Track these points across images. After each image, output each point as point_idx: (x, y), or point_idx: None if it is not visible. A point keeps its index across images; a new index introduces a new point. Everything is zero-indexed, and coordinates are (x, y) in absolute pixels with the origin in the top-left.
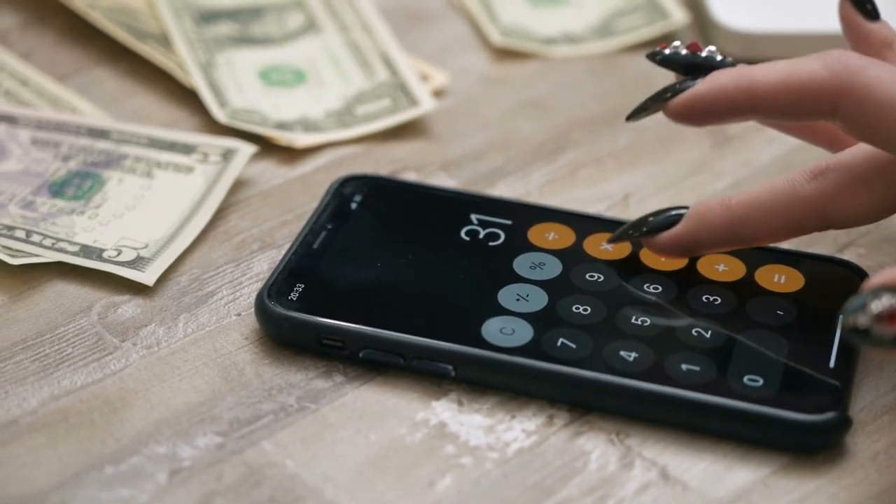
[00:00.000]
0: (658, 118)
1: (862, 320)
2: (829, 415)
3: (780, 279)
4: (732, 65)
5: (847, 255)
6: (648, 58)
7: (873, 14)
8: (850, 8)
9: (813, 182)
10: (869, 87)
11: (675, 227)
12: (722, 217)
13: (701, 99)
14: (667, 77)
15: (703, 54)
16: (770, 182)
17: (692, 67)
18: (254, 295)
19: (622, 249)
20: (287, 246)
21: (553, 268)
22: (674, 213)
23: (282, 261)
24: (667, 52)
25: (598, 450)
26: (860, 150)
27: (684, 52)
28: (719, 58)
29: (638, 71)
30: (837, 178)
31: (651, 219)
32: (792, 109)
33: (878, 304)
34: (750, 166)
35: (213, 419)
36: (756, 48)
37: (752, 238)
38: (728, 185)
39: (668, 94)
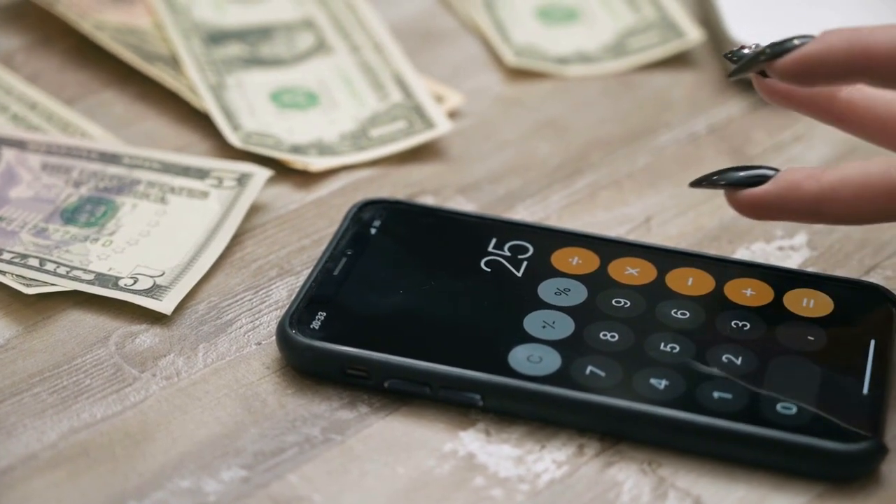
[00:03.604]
0: (676, 137)
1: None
2: (864, 443)
3: (808, 303)
4: None
5: (874, 278)
6: (728, 57)
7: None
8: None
9: None
10: None
11: (761, 187)
12: (811, 188)
13: (814, 58)
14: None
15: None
16: (865, 162)
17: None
18: (273, 323)
19: (648, 274)
20: (306, 272)
21: (579, 293)
22: (763, 171)
23: (302, 288)
24: (747, 51)
25: (630, 480)
26: None
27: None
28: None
29: (653, 90)
30: None
31: (738, 173)
32: None
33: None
34: None
35: (237, 452)
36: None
37: (837, 216)
38: None
39: (769, 52)
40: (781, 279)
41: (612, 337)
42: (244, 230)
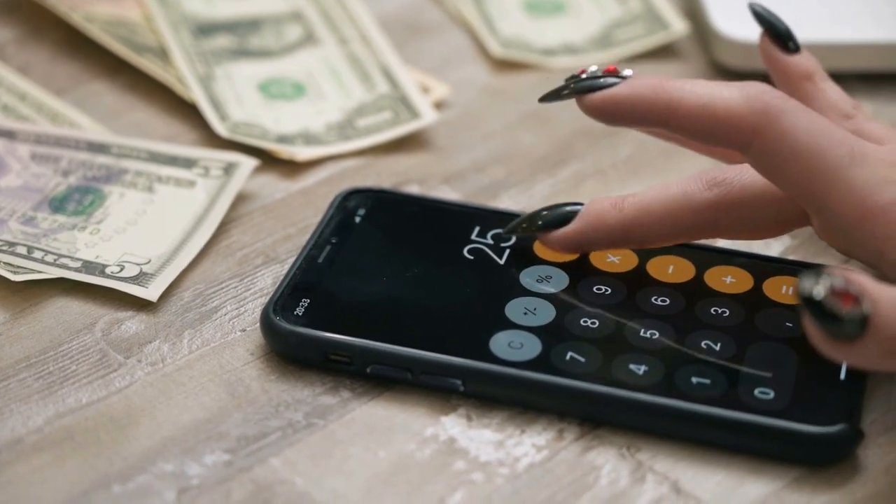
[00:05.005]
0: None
1: (818, 289)
2: (840, 427)
3: (787, 291)
4: None
5: (853, 266)
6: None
7: (793, 48)
8: (769, 42)
9: (707, 192)
10: (784, 135)
11: (569, 226)
12: (615, 219)
13: (620, 101)
14: None
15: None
16: (664, 186)
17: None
18: (258, 310)
19: (629, 262)
20: (291, 260)
21: (560, 281)
22: (567, 209)
23: (286, 275)
24: (583, 76)
25: (609, 464)
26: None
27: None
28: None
29: None
30: (733, 193)
31: (545, 213)
32: (705, 135)
33: (837, 280)
34: None
35: (220, 436)
36: (756, 58)
37: (643, 240)
38: None
39: (575, 85)
40: (761, 267)
41: (593, 323)
42: (230, 219)
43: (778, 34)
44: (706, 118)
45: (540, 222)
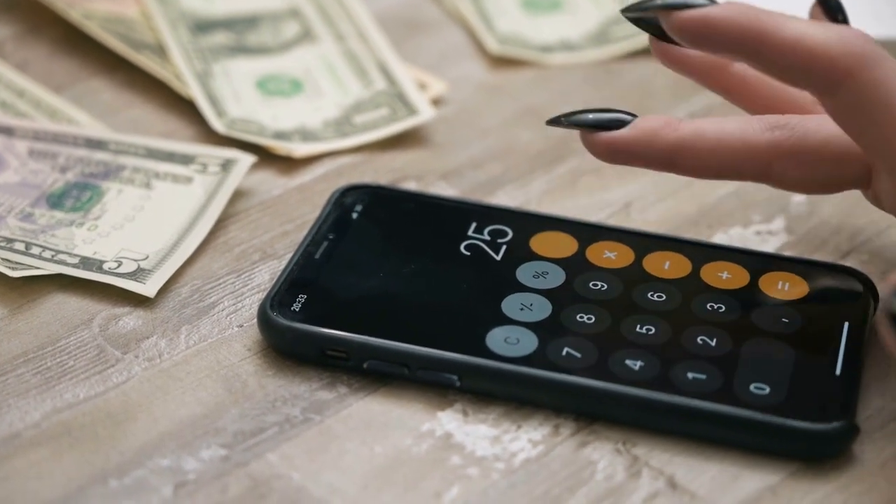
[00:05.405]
0: None
1: None
2: (836, 423)
3: (784, 287)
4: None
5: (850, 262)
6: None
7: (842, 20)
8: (819, 12)
9: (767, 133)
10: (876, 82)
11: (619, 131)
12: (668, 137)
13: (714, 22)
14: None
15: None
16: (725, 119)
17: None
18: (255, 306)
19: (625, 258)
20: (288, 256)
21: (556, 277)
22: (620, 115)
23: (284, 271)
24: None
25: (604, 459)
26: (826, 125)
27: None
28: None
29: (635, 78)
30: (794, 139)
31: (595, 115)
32: (794, 71)
33: None
34: None
35: (217, 431)
36: None
37: (690, 167)
38: (729, 192)
39: (669, 3)
40: (757, 262)
41: (589, 319)
42: (228, 215)
43: (829, 5)
44: (799, 52)
45: (590, 119)
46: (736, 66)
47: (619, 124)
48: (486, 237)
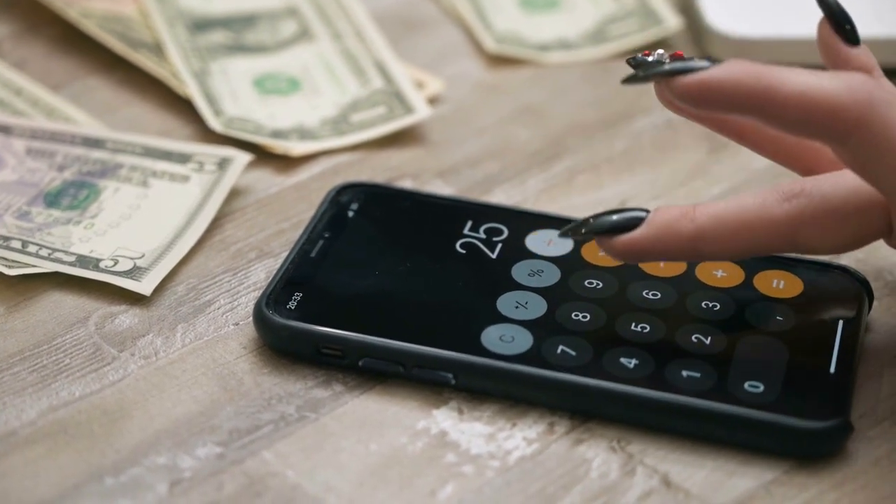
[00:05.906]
0: (654, 123)
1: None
2: (830, 421)
3: (778, 284)
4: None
5: (845, 261)
6: (630, 63)
7: (853, 38)
8: (829, 30)
9: (785, 204)
10: (889, 126)
11: (635, 232)
12: (686, 230)
13: (717, 85)
14: None
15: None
16: (739, 198)
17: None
18: (251, 304)
19: None
20: (284, 255)
21: (551, 275)
22: (633, 214)
23: (279, 270)
24: (650, 59)
25: (599, 457)
26: (842, 182)
27: (667, 61)
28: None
29: None
30: (813, 205)
31: (611, 217)
32: (803, 125)
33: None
34: (746, 171)
35: (212, 429)
36: (750, 54)
37: (714, 254)
38: (724, 191)
39: (670, 69)
40: (752, 261)
41: (584, 317)
42: (224, 213)
43: (840, 24)
44: (807, 106)
45: (606, 226)
46: None
47: (635, 223)
48: (482, 235)
